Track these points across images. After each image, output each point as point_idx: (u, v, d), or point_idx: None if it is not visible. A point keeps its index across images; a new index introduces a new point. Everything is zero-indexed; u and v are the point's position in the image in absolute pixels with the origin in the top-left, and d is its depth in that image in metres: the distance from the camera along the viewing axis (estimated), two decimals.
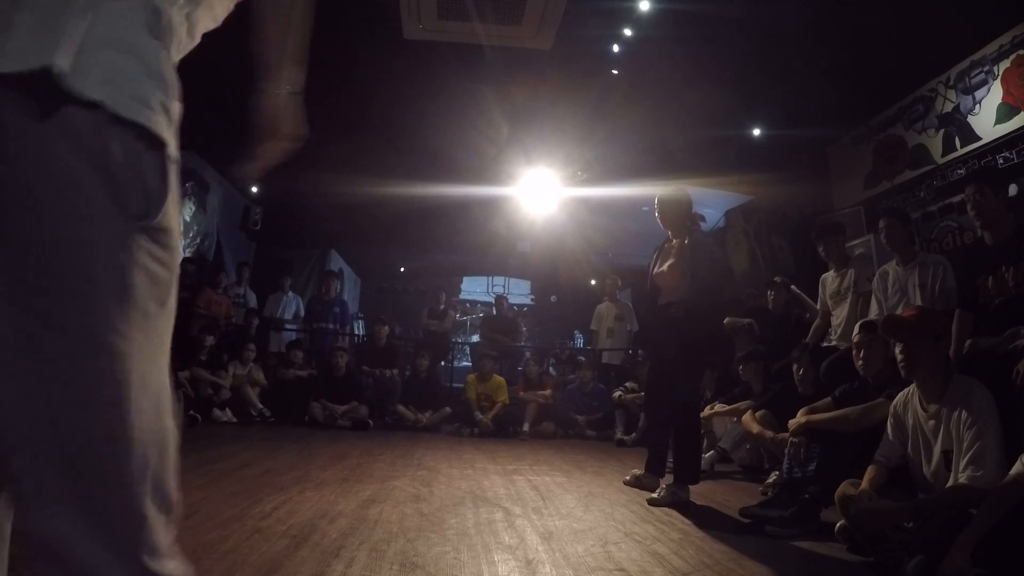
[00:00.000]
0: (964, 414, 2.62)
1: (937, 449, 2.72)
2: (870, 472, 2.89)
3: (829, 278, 5.21)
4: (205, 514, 2.99)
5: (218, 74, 3.94)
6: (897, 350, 2.91)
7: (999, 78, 5.78)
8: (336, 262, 13.01)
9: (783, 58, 6.48)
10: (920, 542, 2.45)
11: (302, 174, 9.20)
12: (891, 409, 3.03)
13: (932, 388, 2.80)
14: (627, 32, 6.65)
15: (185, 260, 8.54)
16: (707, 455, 5.31)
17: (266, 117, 1.26)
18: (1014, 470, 2.34)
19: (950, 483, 2.59)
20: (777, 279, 6.60)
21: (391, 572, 2.30)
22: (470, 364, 11.73)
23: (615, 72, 7.19)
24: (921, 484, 2.83)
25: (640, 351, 8.59)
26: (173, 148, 0.91)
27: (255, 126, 1.25)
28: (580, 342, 14.38)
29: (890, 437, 2.97)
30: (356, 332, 11.21)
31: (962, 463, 2.55)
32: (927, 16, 5.48)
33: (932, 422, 2.76)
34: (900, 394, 3.02)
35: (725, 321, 6.61)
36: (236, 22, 1.17)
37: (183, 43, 1.01)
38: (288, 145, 1.30)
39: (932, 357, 2.83)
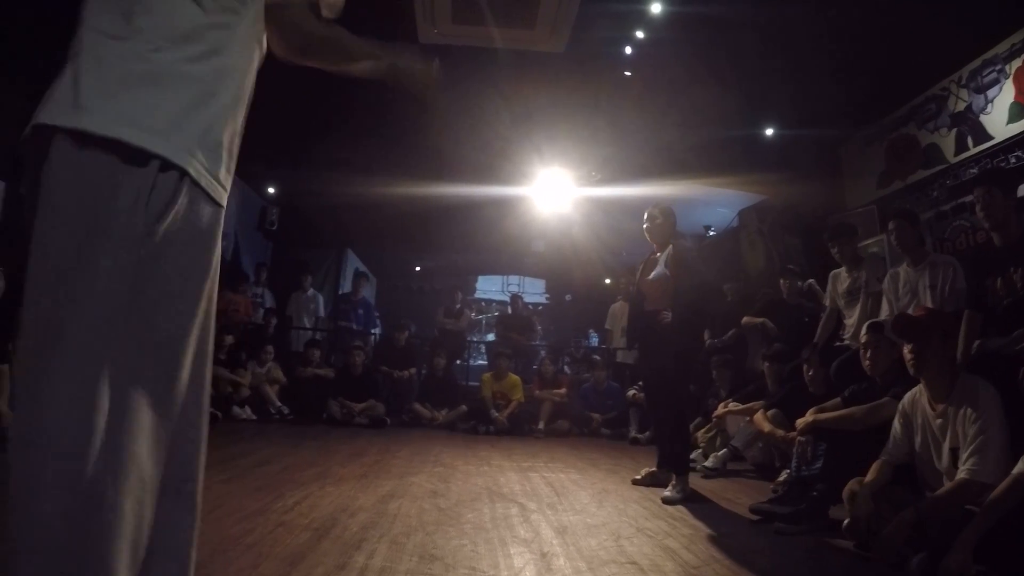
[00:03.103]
0: (969, 411, 2.67)
1: (946, 447, 2.77)
2: (875, 470, 2.94)
3: (841, 275, 5.24)
4: (229, 508, 3.09)
5: None
6: (906, 349, 2.96)
7: (1011, 77, 5.76)
8: (352, 262, 13.11)
9: (795, 58, 6.50)
10: (923, 540, 2.51)
11: (318, 175, 9.35)
12: (899, 408, 3.07)
13: (940, 387, 2.85)
14: (639, 34, 6.69)
15: None
16: (720, 453, 5.38)
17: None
18: (1016, 469, 2.39)
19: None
20: (791, 267, 6.74)
21: (411, 563, 2.39)
22: (486, 362, 11.79)
23: (627, 74, 7.24)
24: (930, 482, 2.87)
25: None
26: None
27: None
28: (595, 341, 14.41)
29: (898, 435, 3.01)
30: (372, 331, 11.31)
31: (963, 456, 2.61)
32: (939, 15, 5.48)
33: (940, 421, 2.81)
34: (908, 393, 3.06)
35: (743, 321, 6.73)
36: None
37: None
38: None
39: (940, 356, 2.87)
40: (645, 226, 4.67)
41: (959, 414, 2.72)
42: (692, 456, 5.36)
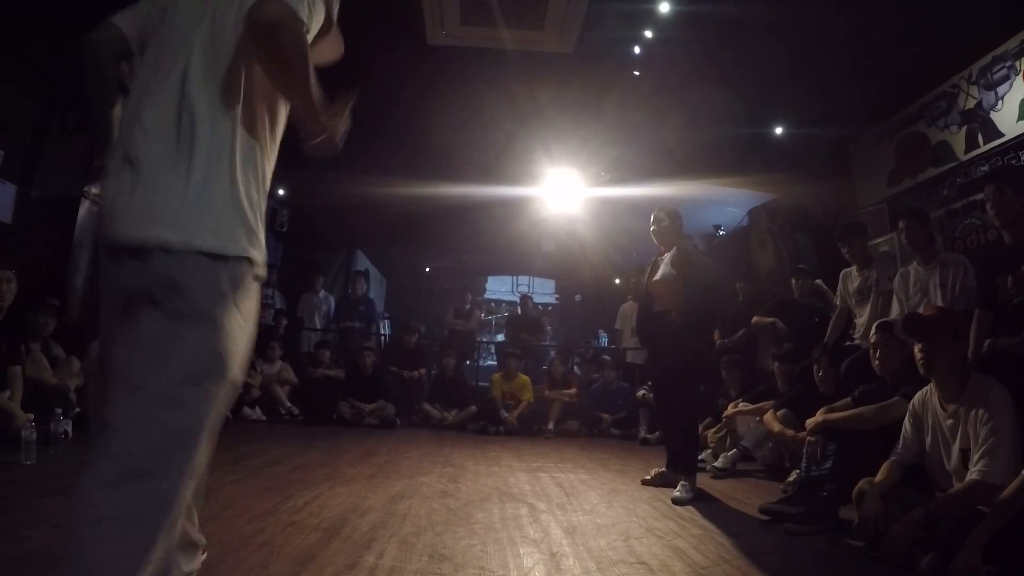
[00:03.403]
0: (981, 412, 2.65)
1: (955, 448, 2.76)
2: (884, 470, 2.93)
3: (852, 274, 5.23)
4: (239, 508, 3.12)
5: None
6: (916, 349, 2.95)
7: (1021, 73, 5.72)
8: (362, 262, 13.14)
9: (805, 57, 6.48)
10: (933, 540, 2.50)
11: (328, 176, 9.37)
12: (909, 408, 3.06)
13: (950, 387, 2.84)
14: (648, 34, 6.68)
15: None
16: (730, 453, 5.38)
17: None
18: None
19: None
20: (803, 266, 6.77)
21: (421, 563, 2.40)
22: (495, 363, 11.80)
23: (636, 73, 7.22)
24: (940, 482, 2.86)
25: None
26: None
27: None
28: (604, 341, 14.40)
29: (908, 435, 3.00)
30: (383, 332, 11.31)
31: (975, 457, 2.60)
32: (947, 11, 5.46)
33: (951, 421, 2.80)
34: (918, 393, 3.05)
35: (753, 321, 6.73)
36: None
37: None
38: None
39: (950, 356, 2.86)
40: (652, 229, 4.76)
41: (970, 415, 2.71)
42: (702, 456, 5.38)
